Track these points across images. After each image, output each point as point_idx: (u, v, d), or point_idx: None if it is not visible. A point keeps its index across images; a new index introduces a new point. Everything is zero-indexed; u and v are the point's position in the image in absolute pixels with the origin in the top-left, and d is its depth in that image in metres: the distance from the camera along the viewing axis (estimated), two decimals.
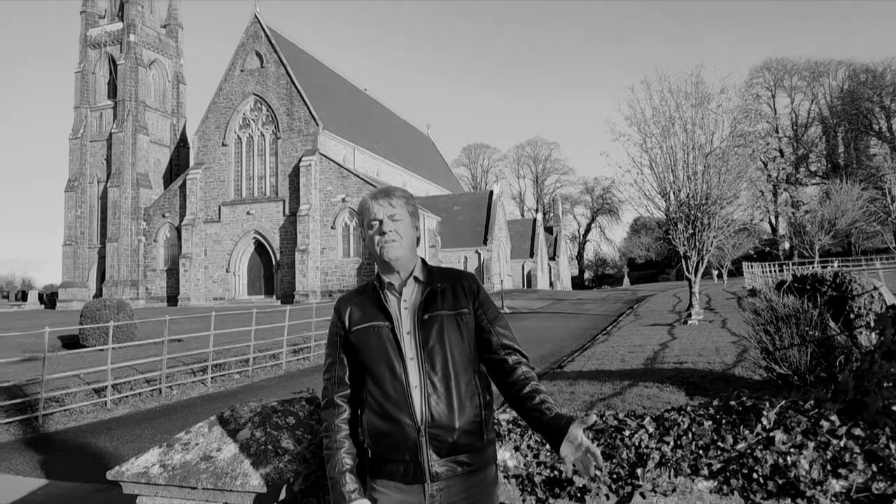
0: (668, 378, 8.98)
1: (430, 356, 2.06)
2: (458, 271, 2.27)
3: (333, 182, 44.93)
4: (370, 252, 2.21)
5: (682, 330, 16.48)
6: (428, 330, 2.09)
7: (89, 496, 5.13)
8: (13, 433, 8.92)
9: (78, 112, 54.54)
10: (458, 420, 2.03)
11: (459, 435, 2.03)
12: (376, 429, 2.07)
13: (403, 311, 2.13)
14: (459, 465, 2.04)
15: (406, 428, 2.01)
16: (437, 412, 2.02)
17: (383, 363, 2.07)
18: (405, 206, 2.18)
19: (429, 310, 2.11)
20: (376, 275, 2.24)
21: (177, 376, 12.38)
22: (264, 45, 47.59)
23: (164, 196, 50.33)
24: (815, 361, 7.08)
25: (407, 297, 2.15)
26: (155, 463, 2.73)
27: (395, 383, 2.05)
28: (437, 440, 2.01)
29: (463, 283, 2.20)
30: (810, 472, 2.16)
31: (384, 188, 2.23)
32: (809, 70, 72.13)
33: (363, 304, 2.18)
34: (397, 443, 2.03)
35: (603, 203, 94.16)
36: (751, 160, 19.12)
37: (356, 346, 2.14)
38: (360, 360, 2.14)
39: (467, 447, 2.05)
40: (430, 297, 2.13)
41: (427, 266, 2.24)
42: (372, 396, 2.09)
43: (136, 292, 49.58)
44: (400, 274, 2.17)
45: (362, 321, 2.14)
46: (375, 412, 2.07)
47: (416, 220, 2.21)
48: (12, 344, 17.80)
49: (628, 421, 2.59)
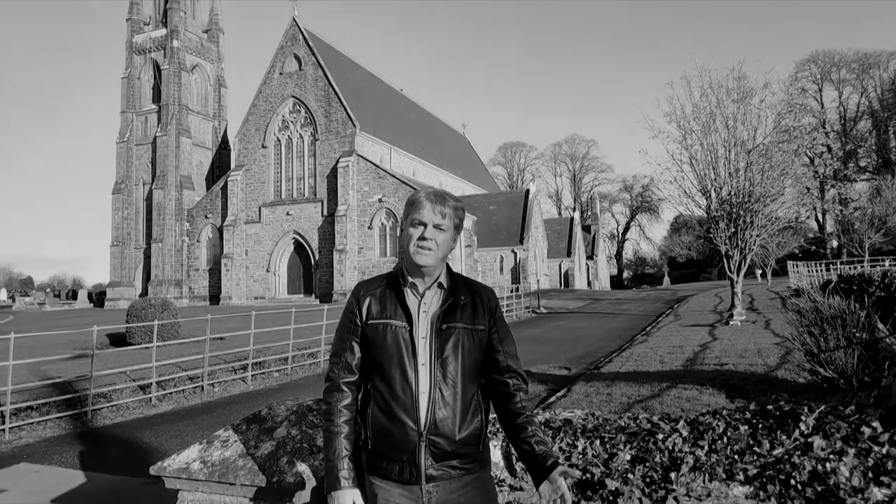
0: (709, 380, 8.80)
1: (443, 366, 2.09)
2: (479, 285, 2.28)
3: (370, 182, 45.32)
4: (402, 246, 2.22)
5: (724, 331, 16.14)
6: (444, 340, 2.10)
7: (134, 489, 5.29)
8: (64, 427, 9.26)
9: (124, 116, 56.24)
10: (460, 432, 2.07)
11: (459, 445, 2.08)
12: (380, 426, 2.10)
13: (422, 314, 2.14)
14: (454, 468, 2.08)
15: (409, 431, 2.05)
16: (441, 421, 2.05)
17: (395, 364, 2.09)
18: (453, 217, 2.18)
19: (448, 320, 2.12)
20: (400, 268, 2.24)
21: (218, 374, 12.67)
22: (302, 47, 48.26)
23: (207, 197, 51.50)
24: (861, 364, 6.86)
25: (427, 301, 2.17)
26: (196, 459, 2.80)
27: (405, 386, 2.07)
28: (436, 447, 2.05)
29: (483, 297, 2.22)
30: (850, 480, 2.10)
31: (440, 191, 2.22)
32: (858, 62, 69.68)
33: (384, 298, 2.18)
34: (397, 443, 2.06)
35: (642, 201, 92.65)
36: (796, 156, 18.56)
37: (370, 339, 2.15)
38: (372, 354, 2.15)
39: (464, 456, 2.10)
40: (451, 308, 2.14)
41: (451, 273, 2.25)
42: (379, 393, 2.12)
43: (180, 291, 50.87)
44: (425, 279, 2.18)
45: (381, 316, 2.15)
46: (381, 409, 2.10)
47: (457, 234, 2.22)
48: (64, 341, 18.48)
49: (662, 424, 2.56)
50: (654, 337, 16.42)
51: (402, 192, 44.50)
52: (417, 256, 2.11)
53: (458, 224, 2.21)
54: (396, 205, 44.39)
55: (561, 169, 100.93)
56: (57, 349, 16.15)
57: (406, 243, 2.16)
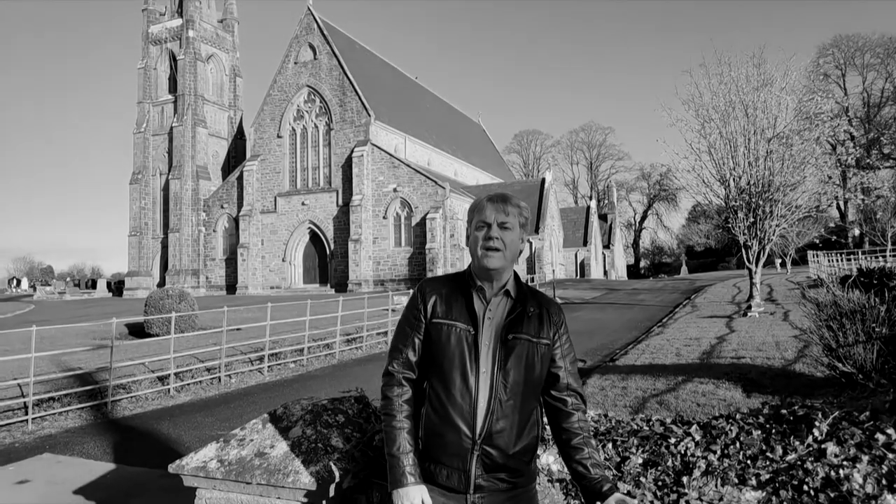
0: (725, 374, 8.75)
1: (505, 377, 2.05)
2: (547, 297, 2.25)
3: (385, 172, 45.35)
4: (470, 252, 2.17)
5: (741, 322, 16.01)
6: (509, 350, 2.07)
7: (153, 482, 5.39)
8: (84, 418, 9.44)
9: (141, 107, 56.72)
10: (514, 446, 2.05)
11: (511, 459, 2.05)
12: (433, 428, 2.08)
13: (487, 320, 2.11)
14: (503, 481, 2.06)
15: (462, 437, 2.02)
16: (497, 433, 2.03)
17: (457, 368, 2.06)
18: (518, 216, 2.14)
19: (513, 330, 2.09)
20: (469, 271, 2.20)
21: (235, 365, 12.82)
22: (317, 37, 48.24)
23: (223, 187, 51.87)
24: (881, 360, 6.78)
25: (493, 308, 2.13)
26: (213, 458, 2.85)
27: (464, 392, 2.04)
28: (488, 457, 2.03)
29: (551, 310, 2.18)
30: (864, 487, 2.09)
31: (502, 193, 2.19)
32: (884, 46, 68.08)
33: (450, 299, 2.14)
34: (449, 447, 2.04)
35: (660, 189, 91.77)
36: (817, 144, 18.26)
37: (433, 338, 2.12)
38: (432, 354, 2.12)
39: (514, 469, 2.07)
40: (518, 318, 2.11)
41: (519, 282, 2.21)
42: (436, 395, 2.09)
43: (197, 280, 51.43)
44: (493, 284, 2.13)
45: (446, 316, 2.11)
46: (435, 411, 2.08)
47: (524, 233, 2.17)
48: (84, 331, 18.80)
49: (674, 428, 2.56)
50: (670, 328, 16.34)
51: (417, 181, 44.47)
52: (486, 259, 2.08)
53: (524, 223, 2.17)
54: (411, 194, 44.39)
55: (577, 157, 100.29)
56: (77, 339, 16.43)
57: (473, 246, 2.12)
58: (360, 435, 2.88)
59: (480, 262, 2.09)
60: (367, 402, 3.20)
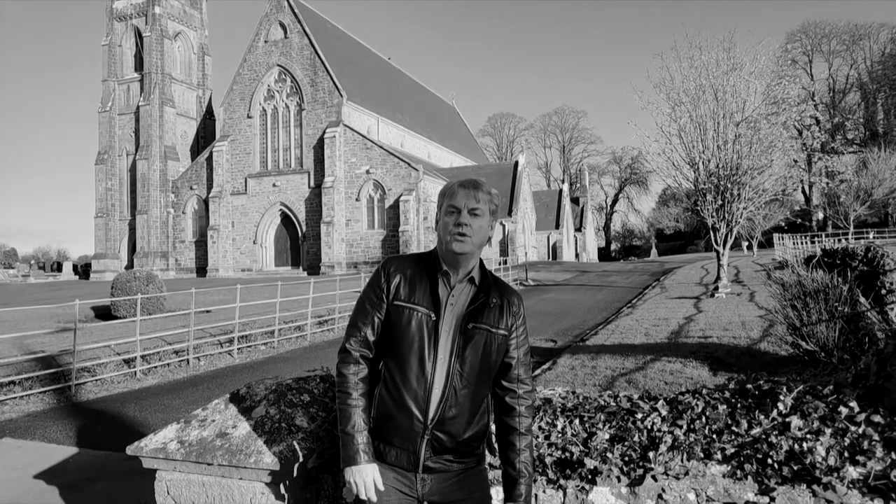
0: (692, 353, 8.88)
1: (462, 365, 2.05)
2: (509, 288, 2.24)
3: (357, 154, 44.93)
4: (439, 236, 2.15)
5: (709, 303, 16.28)
6: (468, 339, 2.06)
7: (118, 465, 5.28)
8: (47, 402, 9.21)
9: (106, 85, 55.17)
10: (464, 433, 2.07)
11: (461, 444, 2.07)
12: (387, 411, 2.08)
13: (449, 306, 2.09)
14: (453, 462, 2.09)
15: (414, 421, 2.03)
16: (448, 419, 2.04)
17: (415, 354, 2.05)
18: (489, 203, 2.12)
19: (474, 319, 2.08)
20: (435, 255, 2.17)
21: (204, 347, 12.63)
22: (288, 15, 47.33)
23: (192, 168, 50.90)
24: (843, 338, 6.94)
25: (457, 294, 2.11)
26: (173, 439, 2.78)
27: (420, 378, 2.04)
28: (438, 442, 2.04)
29: (511, 301, 2.18)
30: (826, 459, 2.11)
31: (474, 179, 2.18)
32: (849, 33, 69.47)
33: (414, 281, 2.11)
34: (401, 430, 2.05)
35: (631, 173, 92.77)
36: (784, 128, 18.55)
37: (393, 320, 2.10)
38: (391, 336, 2.10)
39: (463, 453, 2.10)
40: (480, 308, 2.10)
41: (484, 270, 2.20)
42: (391, 378, 2.09)
43: (167, 263, 50.57)
44: (459, 270, 2.12)
45: (409, 300, 2.09)
46: (391, 395, 2.08)
47: (493, 221, 2.16)
48: (48, 314, 18.34)
49: (641, 404, 2.56)
50: (639, 309, 16.54)
51: (390, 163, 44.16)
52: (454, 244, 2.05)
53: (494, 210, 2.16)
54: (384, 176, 44.09)
55: (550, 140, 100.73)
56: (41, 322, 16.02)
57: (443, 231, 2.10)
58: (326, 414, 2.83)
59: (448, 247, 2.07)
60: (332, 381, 3.14)
